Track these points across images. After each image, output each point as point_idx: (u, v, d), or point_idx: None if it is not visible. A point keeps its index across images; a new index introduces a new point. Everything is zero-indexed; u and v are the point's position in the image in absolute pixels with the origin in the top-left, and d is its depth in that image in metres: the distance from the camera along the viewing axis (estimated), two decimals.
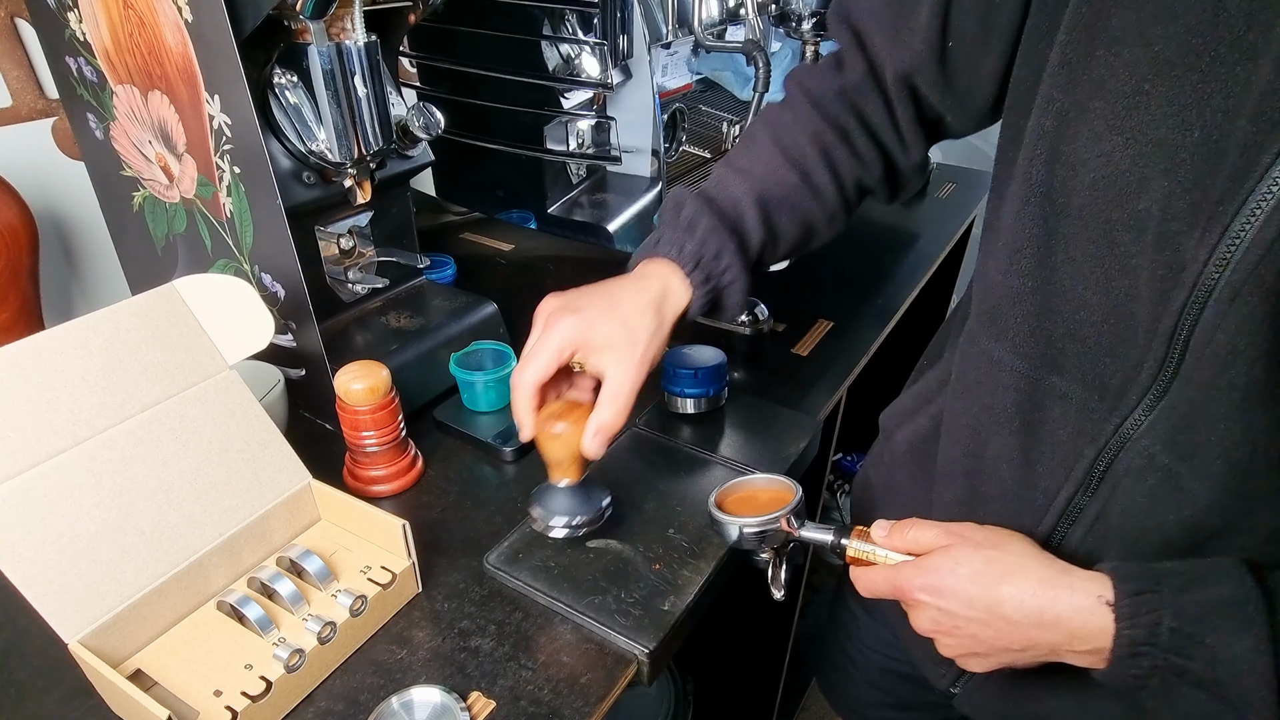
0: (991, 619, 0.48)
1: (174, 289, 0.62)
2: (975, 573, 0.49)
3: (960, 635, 0.51)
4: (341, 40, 0.70)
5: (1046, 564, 0.48)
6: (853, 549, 0.59)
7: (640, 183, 1.02)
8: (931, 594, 0.51)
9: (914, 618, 0.54)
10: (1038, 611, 0.46)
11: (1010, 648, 0.49)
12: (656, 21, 0.92)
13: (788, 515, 0.60)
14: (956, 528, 0.52)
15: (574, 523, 0.63)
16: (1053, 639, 0.47)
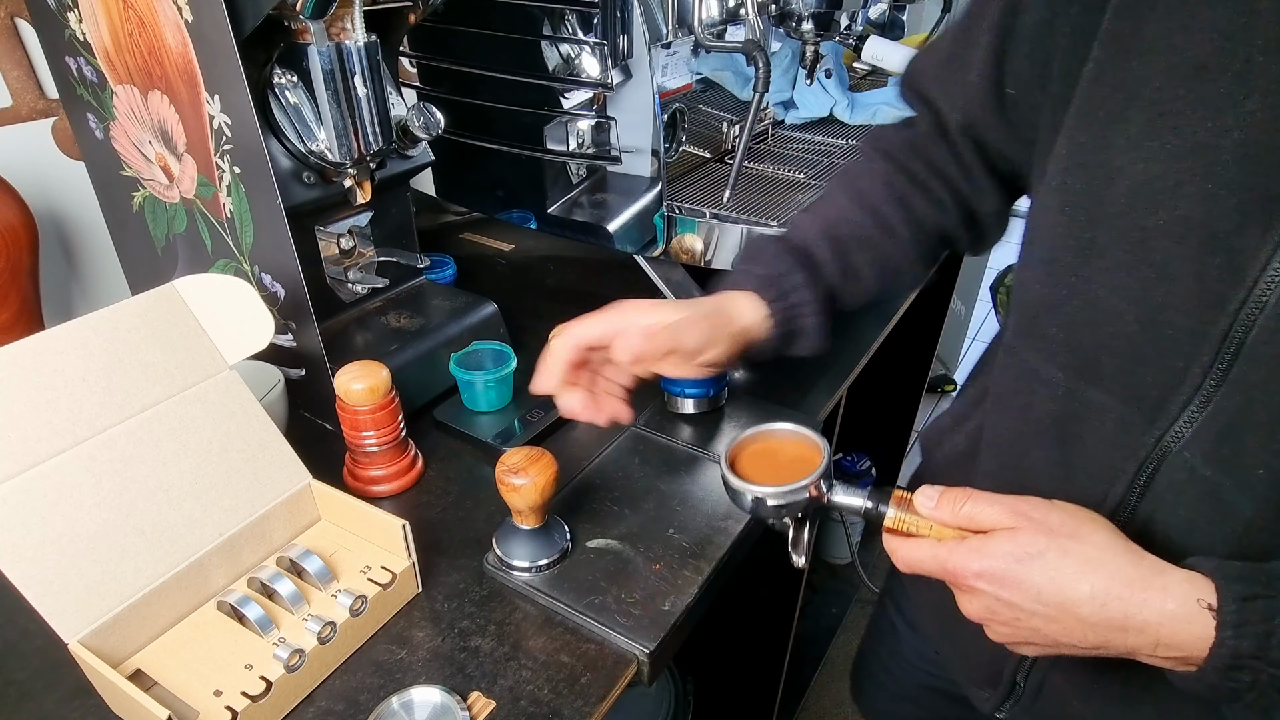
0: (1062, 616, 0.43)
1: (174, 289, 0.62)
2: (1048, 566, 0.43)
3: (1019, 627, 0.46)
4: (341, 40, 0.70)
5: (1134, 559, 0.43)
6: (892, 518, 0.52)
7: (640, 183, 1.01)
8: (992, 583, 0.45)
9: (964, 602, 0.48)
10: (1122, 616, 0.42)
11: (1078, 645, 0.45)
12: (656, 21, 0.92)
13: (815, 482, 0.53)
14: (1024, 505, 0.46)
15: (534, 565, 0.64)
16: (1134, 643, 0.42)
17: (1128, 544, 0.44)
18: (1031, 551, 0.44)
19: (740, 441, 0.58)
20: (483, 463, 0.79)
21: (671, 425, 0.83)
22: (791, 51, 1.28)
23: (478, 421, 0.82)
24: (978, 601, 0.47)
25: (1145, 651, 0.42)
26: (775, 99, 1.33)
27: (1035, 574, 0.43)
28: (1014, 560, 0.44)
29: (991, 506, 0.47)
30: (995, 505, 0.46)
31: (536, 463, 0.60)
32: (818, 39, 1.07)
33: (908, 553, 0.50)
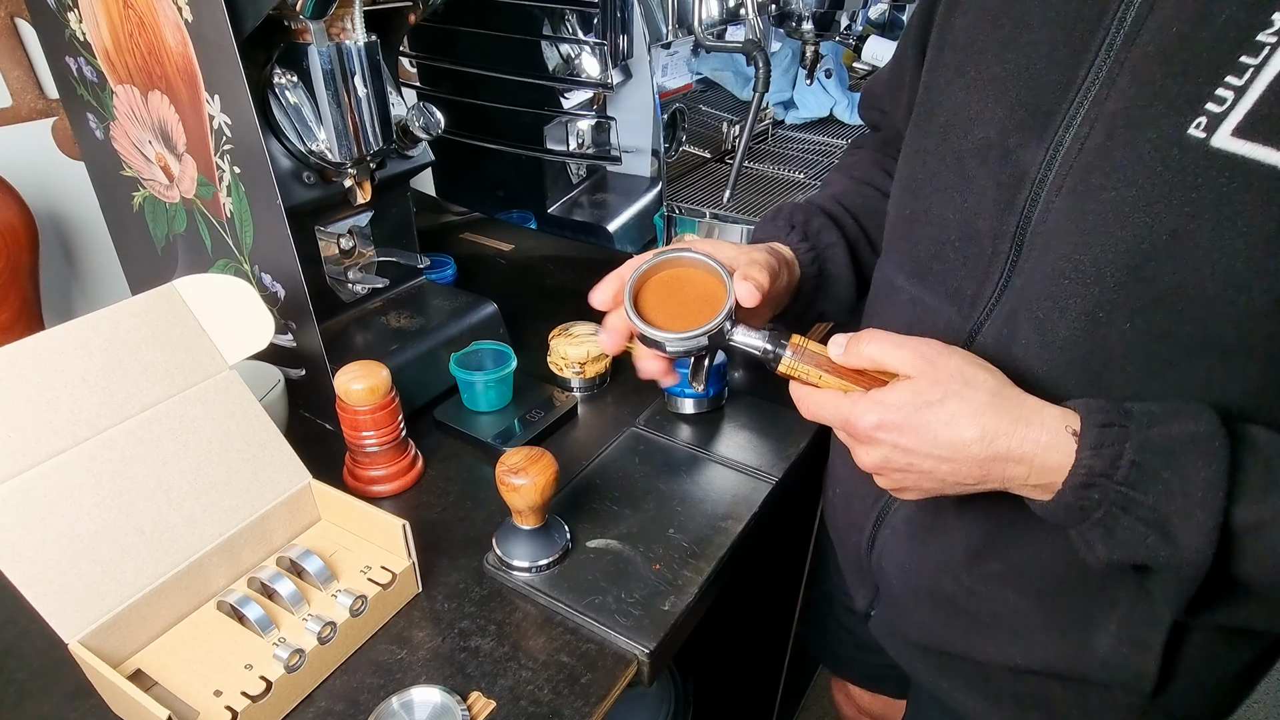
0: (955, 456, 0.47)
1: (174, 289, 0.62)
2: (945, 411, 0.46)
3: (910, 471, 0.49)
4: (341, 40, 0.70)
5: (1019, 400, 0.46)
6: (785, 363, 0.52)
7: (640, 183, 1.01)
8: (891, 431, 0.48)
9: (861, 453, 0.51)
10: (1005, 450, 0.45)
11: (963, 482, 0.48)
12: (656, 21, 0.92)
13: (722, 324, 0.52)
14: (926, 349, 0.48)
15: (534, 565, 0.64)
16: (1015, 472, 0.46)
17: (1014, 388, 0.47)
18: (931, 399, 0.47)
19: (646, 269, 0.56)
20: (483, 463, 0.79)
21: (671, 425, 0.83)
22: (791, 51, 1.28)
23: (478, 421, 0.82)
24: (875, 452, 0.50)
25: (1020, 480, 0.46)
26: (775, 99, 1.33)
27: (932, 420, 0.46)
28: (912, 409, 0.47)
29: (894, 350, 0.49)
30: (899, 349, 0.49)
31: (536, 463, 0.60)
32: (818, 39, 1.07)
33: (813, 403, 0.52)
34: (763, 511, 0.72)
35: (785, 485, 0.76)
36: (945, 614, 0.61)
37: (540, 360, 0.91)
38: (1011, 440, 0.45)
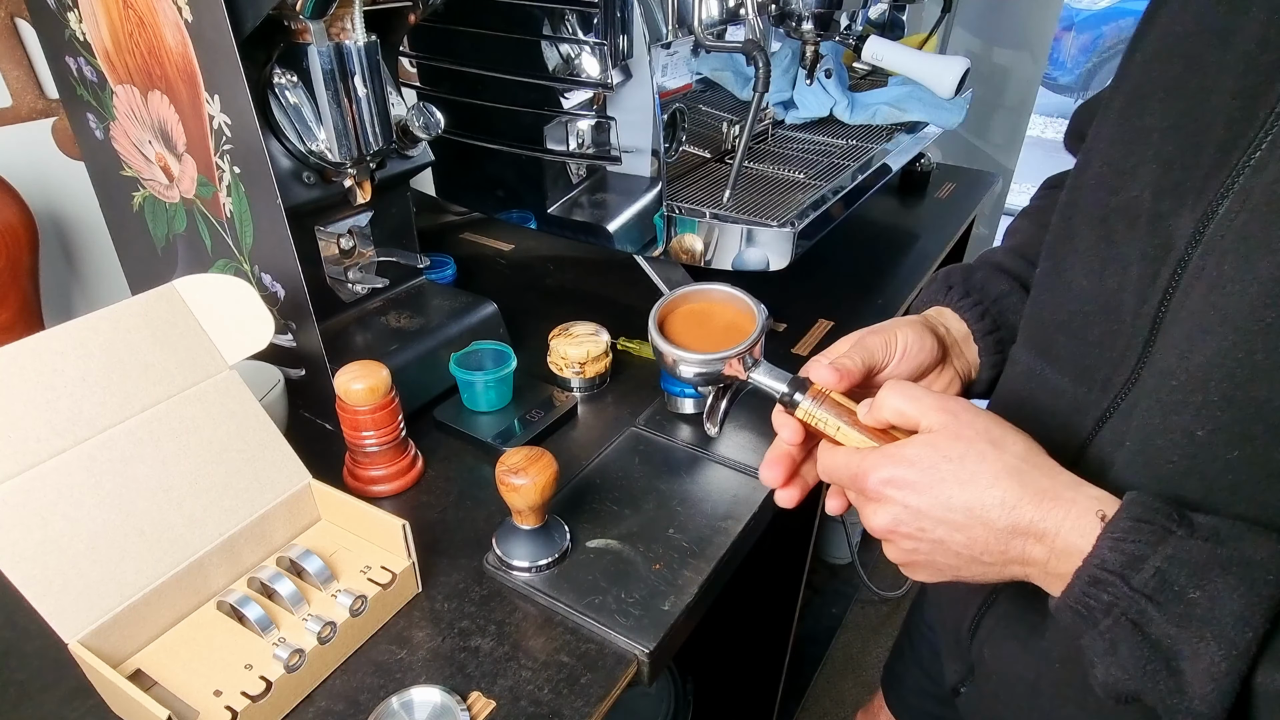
0: (968, 524, 0.41)
1: (174, 289, 0.62)
2: (964, 470, 0.41)
3: (922, 539, 0.43)
4: (341, 40, 0.70)
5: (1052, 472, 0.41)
6: (803, 409, 0.48)
7: (640, 183, 1.01)
8: (901, 488, 0.42)
9: (870, 514, 0.45)
10: (1028, 523, 0.40)
11: (979, 558, 0.42)
12: (656, 21, 0.92)
13: (742, 354, 0.50)
14: (952, 404, 0.43)
15: (534, 565, 0.64)
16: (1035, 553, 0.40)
17: (1046, 457, 0.42)
18: (950, 455, 0.41)
19: (676, 298, 0.54)
20: (483, 463, 0.79)
21: (671, 425, 0.83)
22: (791, 51, 1.28)
23: (478, 421, 0.82)
24: (885, 512, 0.44)
25: (1040, 563, 0.40)
26: (775, 99, 1.33)
27: (948, 477, 0.41)
28: (928, 465, 0.42)
29: (920, 400, 0.44)
30: (924, 399, 0.44)
31: (536, 463, 0.60)
32: (818, 39, 1.07)
33: (828, 457, 0.47)
34: (763, 511, 0.72)
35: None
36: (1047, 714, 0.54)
37: (540, 360, 0.91)
38: (1035, 512, 0.40)
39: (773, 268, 1.01)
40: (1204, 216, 0.39)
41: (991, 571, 0.43)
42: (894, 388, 0.45)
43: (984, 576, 0.44)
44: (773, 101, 1.32)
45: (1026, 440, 0.42)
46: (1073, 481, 0.40)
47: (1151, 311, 0.43)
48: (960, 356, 0.60)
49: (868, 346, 0.52)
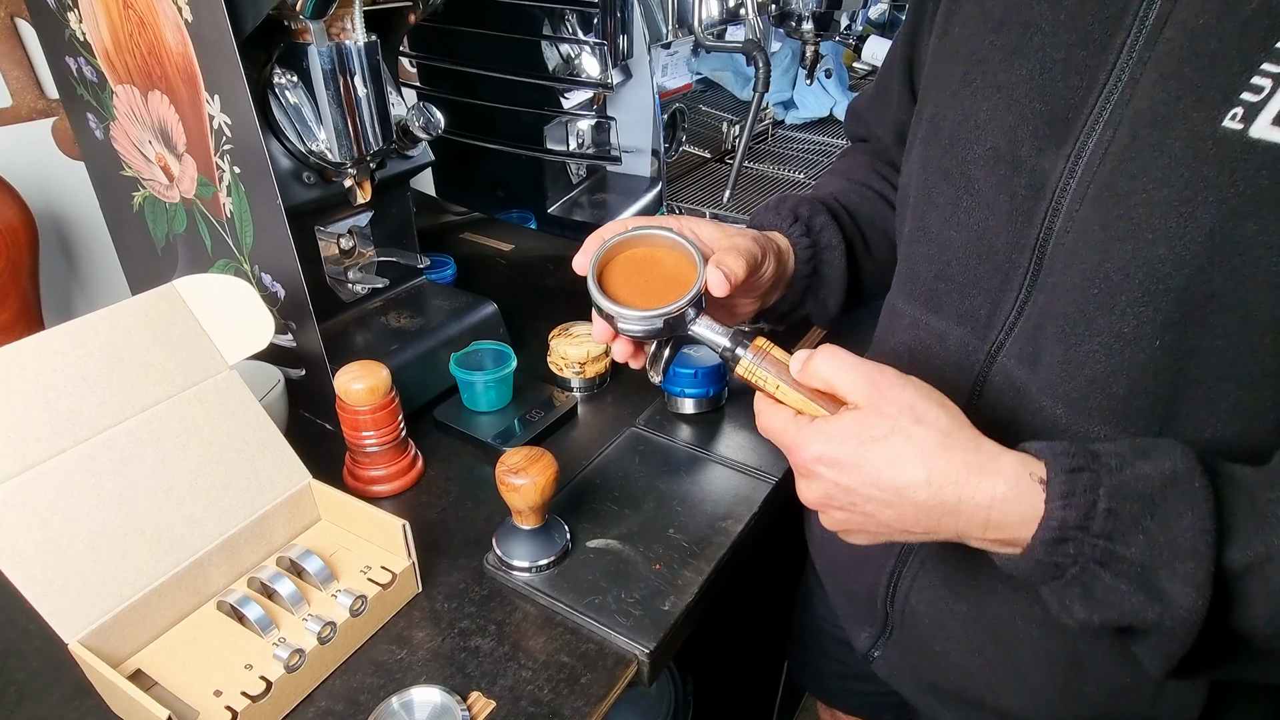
0: (897, 501, 0.43)
1: (174, 289, 0.62)
2: (889, 450, 0.42)
3: (853, 511, 0.45)
4: (341, 40, 0.70)
5: (975, 445, 0.42)
6: (744, 365, 0.49)
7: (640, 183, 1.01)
8: (831, 466, 0.44)
9: (803, 487, 0.47)
10: (956, 500, 0.41)
11: (910, 530, 0.44)
12: (656, 21, 0.92)
13: (683, 308, 0.49)
14: (879, 378, 0.44)
15: (534, 565, 0.64)
16: (964, 527, 0.42)
17: (970, 430, 0.43)
18: (876, 435, 0.43)
19: (618, 243, 0.53)
20: (483, 463, 0.79)
21: (671, 425, 0.83)
22: (791, 51, 1.28)
23: (478, 421, 0.82)
24: (816, 486, 0.46)
25: (975, 535, 0.43)
26: (775, 99, 1.33)
27: (875, 458, 0.43)
28: (856, 444, 0.43)
29: (846, 373, 0.45)
30: (851, 372, 0.45)
31: (536, 463, 0.60)
32: (818, 39, 1.07)
33: (767, 416, 0.48)
34: (763, 511, 0.72)
35: (785, 485, 0.76)
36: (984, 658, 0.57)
37: (540, 360, 0.91)
38: (963, 490, 0.41)
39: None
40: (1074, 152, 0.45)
41: (924, 538, 0.45)
42: (827, 355, 0.46)
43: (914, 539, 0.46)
44: (773, 101, 1.32)
45: (950, 413, 0.44)
46: (995, 450, 0.42)
47: (1031, 243, 0.48)
48: None
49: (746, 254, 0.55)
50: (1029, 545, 0.41)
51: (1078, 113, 0.45)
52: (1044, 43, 0.46)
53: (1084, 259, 0.44)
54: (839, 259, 0.66)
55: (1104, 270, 0.43)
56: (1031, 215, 0.47)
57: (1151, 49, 0.41)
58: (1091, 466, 0.40)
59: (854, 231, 0.68)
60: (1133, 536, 0.39)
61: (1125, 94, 0.43)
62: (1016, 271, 0.49)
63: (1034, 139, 0.47)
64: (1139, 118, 0.42)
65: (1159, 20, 0.41)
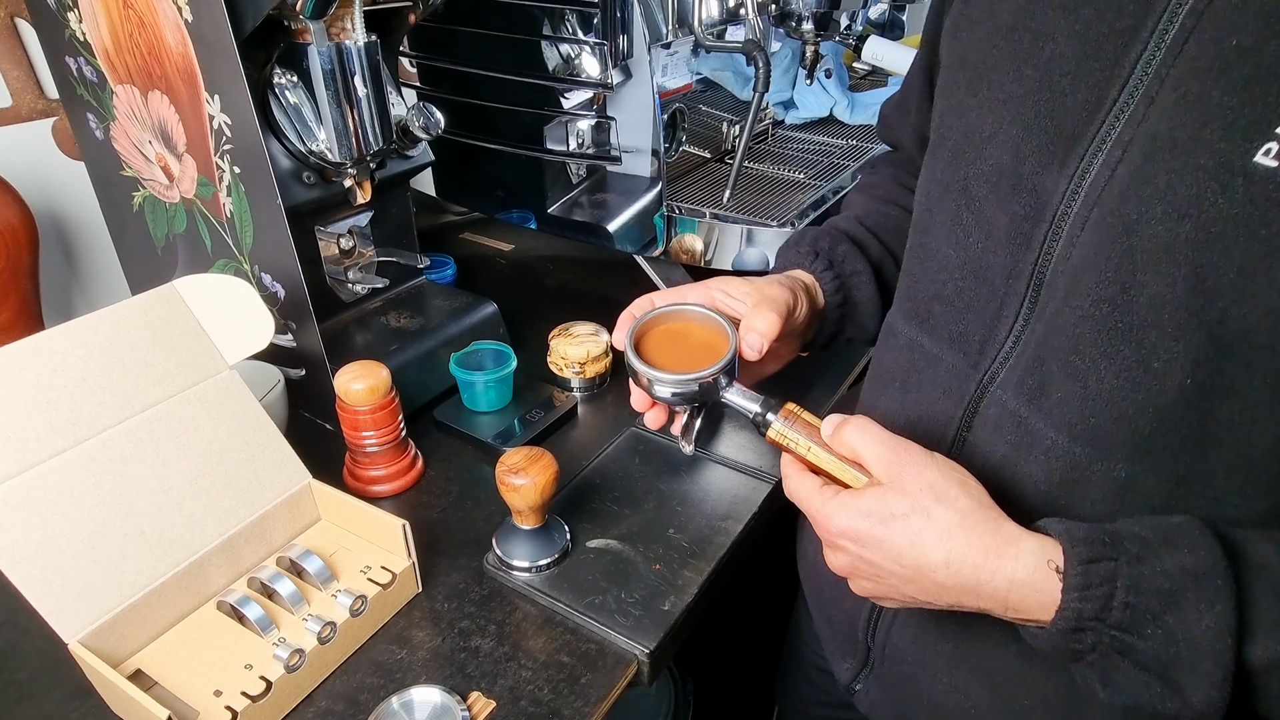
0: (918, 578, 0.43)
1: (174, 289, 0.62)
2: (909, 529, 0.43)
3: (880, 583, 0.46)
4: (341, 40, 0.70)
5: (994, 527, 0.42)
6: (775, 430, 0.50)
7: (640, 183, 1.01)
8: (854, 541, 0.45)
9: (830, 556, 0.48)
10: (975, 583, 0.42)
11: (934, 603, 0.45)
12: (656, 21, 0.92)
13: (715, 375, 0.52)
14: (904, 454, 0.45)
15: (534, 566, 0.64)
16: (986, 606, 0.43)
17: (991, 510, 0.43)
18: (896, 513, 0.43)
19: (652, 318, 0.56)
20: (483, 463, 0.79)
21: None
22: (791, 51, 1.28)
23: (478, 421, 0.82)
24: (842, 557, 0.47)
25: (996, 612, 0.43)
26: (775, 99, 1.33)
27: (896, 536, 0.43)
28: (878, 521, 0.44)
29: (872, 445, 0.45)
30: (877, 446, 0.45)
31: (536, 463, 0.60)
32: (818, 39, 1.07)
33: (794, 482, 0.49)
34: (762, 512, 0.72)
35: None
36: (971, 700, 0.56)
37: (540, 360, 0.91)
38: (981, 573, 0.42)
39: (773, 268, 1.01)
40: (1078, 171, 0.42)
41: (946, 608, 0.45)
42: (856, 426, 0.46)
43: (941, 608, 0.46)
44: (773, 101, 1.32)
45: (971, 493, 0.44)
46: (1015, 534, 0.42)
47: (1029, 269, 0.45)
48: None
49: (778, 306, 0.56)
50: (1047, 631, 0.41)
51: (1084, 129, 0.42)
52: (1055, 53, 0.43)
53: (1090, 290, 0.42)
54: (868, 283, 0.65)
55: (1126, 300, 0.41)
56: (1029, 239, 0.45)
57: (1171, 66, 0.38)
58: (1110, 555, 0.39)
59: (882, 254, 0.67)
60: (1151, 631, 0.38)
61: (1139, 112, 0.40)
62: (1013, 298, 0.47)
63: (1038, 156, 0.44)
64: (1155, 141, 0.39)
65: (1181, 34, 0.38)
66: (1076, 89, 0.42)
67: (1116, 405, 0.43)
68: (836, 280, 0.64)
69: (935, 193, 0.51)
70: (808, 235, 0.67)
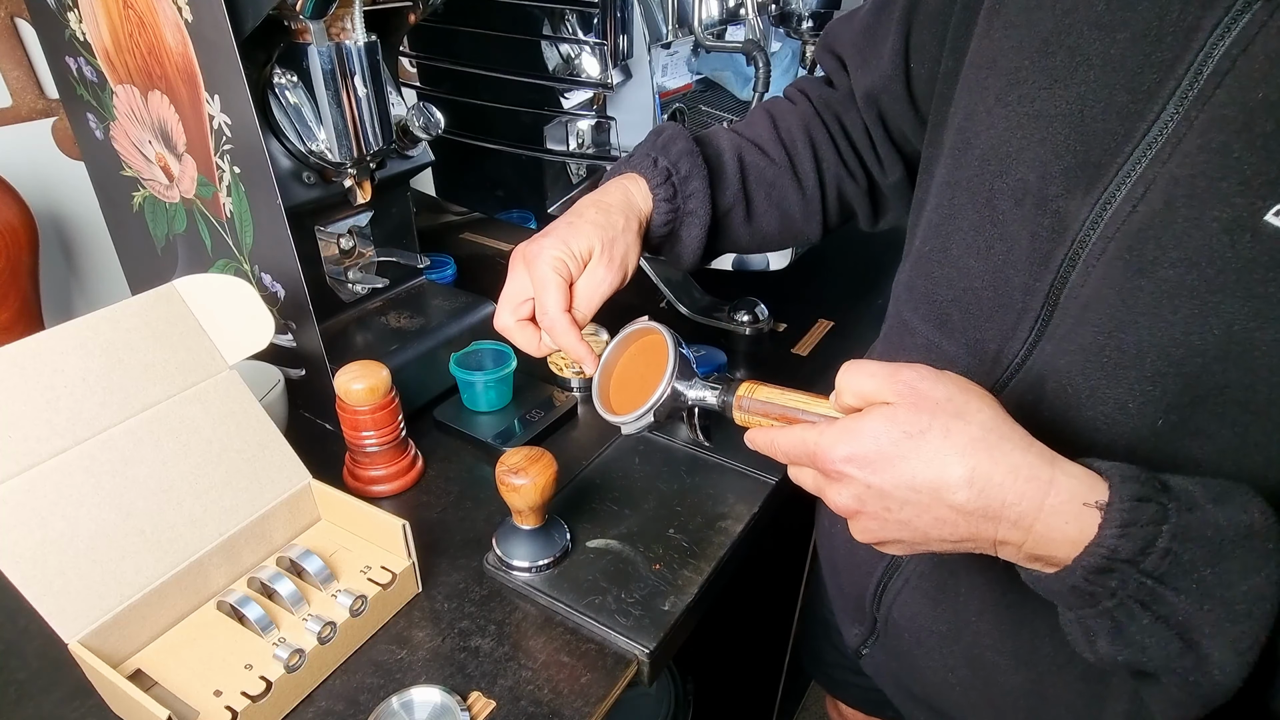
0: (934, 504, 0.39)
1: (174, 289, 0.62)
2: (927, 447, 0.38)
3: (887, 519, 0.41)
4: (341, 40, 0.70)
5: (1023, 445, 0.39)
6: (740, 414, 0.49)
7: None
8: (862, 467, 0.40)
9: (833, 492, 0.43)
10: (1000, 505, 0.37)
11: (947, 538, 0.40)
12: (656, 21, 0.92)
13: (664, 393, 0.52)
14: (908, 374, 0.41)
15: (534, 566, 0.64)
16: (1005, 535, 0.38)
17: (1016, 428, 0.39)
18: (910, 431, 0.39)
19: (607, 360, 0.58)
20: (483, 463, 0.79)
21: (671, 425, 0.83)
22: (791, 51, 1.28)
23: (478, 421, 0.82)
24: (846, 490, 0.42)
25: (1012, 544, 0.39)
26: None
27: (911, 456, 0.39)
28: (889, 442, 0.39)
29: (877, 372, 0.41)
30: (874, 377, 0.41)
31: (536, 463, 0.60)
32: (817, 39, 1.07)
33: (783, 437, 0.45)
34: (763, 511, 0.72)
35: (785, 485, 0.76)
36: (956, 679, 0.58)
37: (540, 360, 0.90)
38: (1008, 494, 0.37)
39: (773, 268, 1.01)
40: (1101, 201, 0.42)
41: (958, 548, 0.41)
42: (849, 370, 0.43)
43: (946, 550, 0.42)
44: None
45: (992, 407, 0.40)
46: (1048, 457, 0.38)
47: (1045, 289, 0.45)
48: None
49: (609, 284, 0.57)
50: (1067, 568, 0.37)
51: (1111, 159, 0.41)
52: (1089, 76, 0.42)
53: (1096, 321, 0.42)
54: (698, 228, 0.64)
55: (1116, 340, 0.41)
56: (1049, 259, 0.45)
57: (1201, 110, 0.38)
58: (1159, 499, 0.36)
59: (737, 197, 0.65)
60: (1186, 583, 0.35)
61: (1164, 151, 0.39)
62: (1028, 314, 0.47)
63: (1064, 178, 0.43)
64: (1175, 185, 0.38)
65: (1214, 78, 0.37)
66: (1108, 117, 0.41)
67: (1090, 436, 0.43)
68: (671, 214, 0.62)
69: (960, 198, 0.50)
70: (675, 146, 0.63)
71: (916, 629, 0.59)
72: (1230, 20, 0.36)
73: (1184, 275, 0.38)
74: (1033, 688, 0.53)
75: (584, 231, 0.57)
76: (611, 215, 0.59)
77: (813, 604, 0.91)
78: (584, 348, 0.56)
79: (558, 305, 0.55)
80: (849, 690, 0.90)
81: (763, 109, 0.70)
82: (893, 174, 0.68)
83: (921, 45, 0.58)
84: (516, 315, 0.58)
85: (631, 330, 0.59)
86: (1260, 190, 0.35)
